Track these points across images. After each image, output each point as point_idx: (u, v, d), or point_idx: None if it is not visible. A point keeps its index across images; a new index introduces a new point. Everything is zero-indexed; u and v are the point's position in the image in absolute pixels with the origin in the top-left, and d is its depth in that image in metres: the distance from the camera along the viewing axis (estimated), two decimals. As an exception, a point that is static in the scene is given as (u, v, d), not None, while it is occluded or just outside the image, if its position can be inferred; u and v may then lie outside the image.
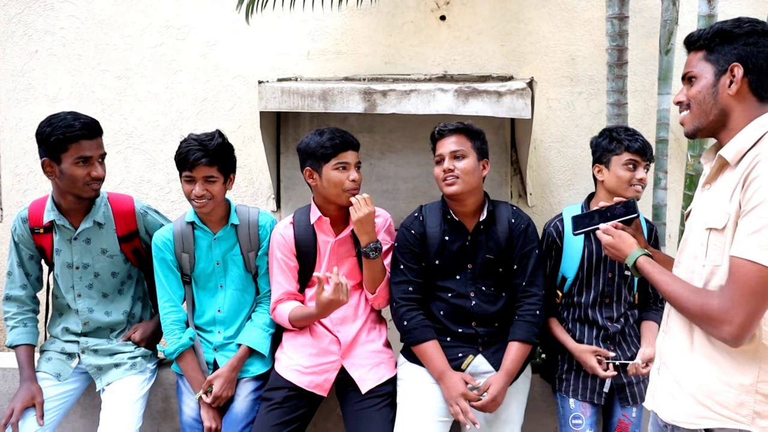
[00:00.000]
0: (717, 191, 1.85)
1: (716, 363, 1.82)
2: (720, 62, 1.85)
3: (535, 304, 2.78)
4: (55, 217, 2.90)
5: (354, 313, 2.91)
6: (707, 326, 1.79)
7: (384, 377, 2.82)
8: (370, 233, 2.78)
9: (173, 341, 2.90)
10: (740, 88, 1.83)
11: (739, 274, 1.71)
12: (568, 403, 2.85)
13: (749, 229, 1.70)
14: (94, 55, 4.23)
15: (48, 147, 2.76)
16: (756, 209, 1.69)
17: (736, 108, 1.83)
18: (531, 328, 2.75)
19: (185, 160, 2.78)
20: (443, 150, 2.75)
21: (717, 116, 1.85)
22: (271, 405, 2.76)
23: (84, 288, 2.98)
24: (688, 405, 1.85)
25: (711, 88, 1.85)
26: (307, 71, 4.07)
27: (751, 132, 1.80)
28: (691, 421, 1.85)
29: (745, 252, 1.71)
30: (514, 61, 4.07)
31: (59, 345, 3.01)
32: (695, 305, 1.80)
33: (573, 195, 4.08)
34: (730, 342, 1.75)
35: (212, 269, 2.96)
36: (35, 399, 2.83)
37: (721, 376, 1.80)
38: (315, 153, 2.79)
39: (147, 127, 4.23)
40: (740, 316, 1.71)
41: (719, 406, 1.79)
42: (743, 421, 1.77)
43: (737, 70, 1.82)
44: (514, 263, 2.80)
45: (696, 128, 1.91)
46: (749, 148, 1.78)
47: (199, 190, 2.79)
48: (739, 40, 1.83)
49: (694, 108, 1.89)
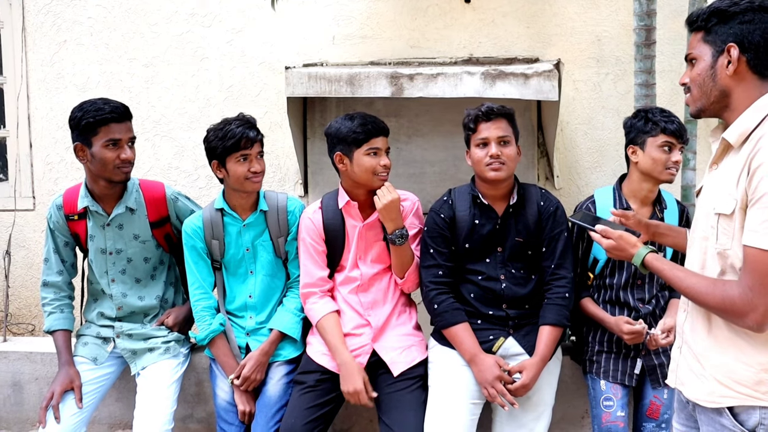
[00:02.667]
0: (723, 173, 1.85)
1: (734, 344, 1.83)
2: (717, 43, 1.83)
3: (564, 286, 2.78)
4: (89, 204, 2.95)
5: (384, 297, 2.93)
6: (731, 317, 1.80)
7: (415, 360, 2.85)
8: (395, 220, 2.79)
9: (204, 327, 2.95)
10: (738, 68, 1.81)
11: (756, 263, 1.72)
12: (599, 384, 2.85)
13: (759, 219, 1.70)
14: (121, 44, 4.28)
15: (79, 131, 2.82)
16: (763, 198, 1.69)
17: (736, 88, 1.82)
18: (561, 310, 2.76)
19: (241, 139, 2.81)
20: (489, 134, 2.71)
21: (718, 97, 1.85)
22: (304, 388, 2.80)
23: (117, 273, 3.03)
24: (708, 384, 1.87)
25: (710, 69, 1.85)
26: (333, 56, 4.08)
27: (753, 114, 1.79)
28: (712, 399, 1.86)
29: (759, 242, 1.71)
30: (539, 43, 4.05)
31: (95, 330, 3.07)
32: (715, 299, 1.81)
33: (600, 177, 4.07)
34: (756, 329, 1.77)
35: (242, 255, 2.99)
36: (74, 382, 2.89)
37: (740, 356, 1.82)
38: (346, 138, 2.80)
39: (174, 114, 4.28)
40: (764, 303, 1.72)
41: (738, 384, 1.81)
42: (763, 398, 1.79)
43: (733, 50, 1.80)
44: (543, 246, 2.81)
45: (699, 109, 1.91)
46: (752, 130, 1.77)
47: (258, 166, 2.86)
48: (735, 19, 1.81)
49: (695, 90, 1.90)
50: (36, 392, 3.37)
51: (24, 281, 4.49)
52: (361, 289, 2.93)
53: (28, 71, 4.35)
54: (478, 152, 2.74)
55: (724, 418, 1.84)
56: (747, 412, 1.81)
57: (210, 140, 2.87)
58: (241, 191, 2.91)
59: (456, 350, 2.78)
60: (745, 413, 1.82)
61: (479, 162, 2.73)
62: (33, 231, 4.44)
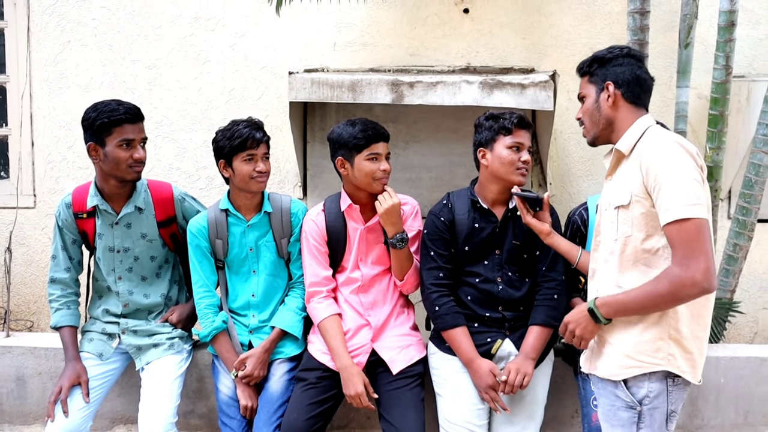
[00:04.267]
0: (619, 179, 2.24)
1: (641, 320, 2.17)
2: (598, 82, 2.31)
3: (554, 288, 2.88)
4: (98, 202, 3.01)
5: (383, 297, 3.02)
6: (685, 292, 2.05)
7: (414, 358, 2.94)
8: (396, 224, 2.88)
9: (207, 324, 3.02)
10: (615, 100, 2.27)
11: (680, 234, 2.04)
12: (589, 385, 2.93)
13: (666, 199, 2.05)
14: (125, 46, 4.32)
15: (93, 131, 2.88)
16: (663, 186, 2.06)
17: (617, 115, 2.27)
18: (550, 311, 2.85)
19: (247, 139, 2.90)
20: (523, 140, 2.81)
21: (605, 124, 2.29)
22: (306, 385, 2.88)
23: (124, 271, 3.10)
24: (616, 360, 2.21)
25: (595, 103, 2.31)
26: (333, 62, 4.16)
27: (636, 129, 2.23)
28: (620, 372, 2.20)
29: (673, 215, 2.04)
30: (535, 54, 4.15)
31: (100, 326, 3.13)
32: (666, 288, 2.07)
33: (591, 185, 4.17)
34: (709, 288, 2.05)
35: (245, 255, 3.07)
36: (81, 377, 2.95)
37: (639, 331, 2.17)
38: (347, 143, 2.88)
39: (176, 116, 4.33)
40: (702, 264, 2.02)
41: (641, 354, 2.16)
42: (661, 363, 2.15)
43: (610, 86, 2.27)
44: (537, 249, 2.91)
45: (593, 137, 2.35)
46: (636, 141, 2.21)
47: (263, 166, 2.94)
48: (611, 63, 2.30)
49: (587, 121, 2.35)
50: (39, 387, 3.43)
51: (23, 278, 4.54)
52: (361, 290, 3.01)
53: (32, 71, 4.39)
54: (510, 155, 2.79)
55: (619, 389, 2.20)
56: (637, 385, 2.17)
57: (218, 140, 2.96)
58: (246, 191, 2.98)
59: (455, 356, 2.88)
60: (635, 386, 2.18)
61: (510, 163, 2.79)
62: (33, 229, 4.49)
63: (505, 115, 2.84)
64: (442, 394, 2.88)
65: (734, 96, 3.79)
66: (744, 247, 3.61)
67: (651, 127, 2.25)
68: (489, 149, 2.84)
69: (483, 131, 2.86)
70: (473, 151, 2.92)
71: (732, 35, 3.49)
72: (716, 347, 3.41)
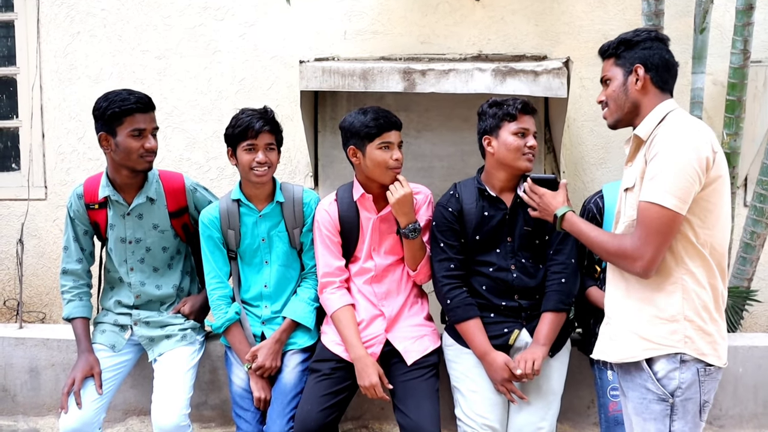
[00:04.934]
0: (636, 164, 2.22)
1: (649, 302, 2.16)
2: (626, 65, 2.25)
3: (561, 272, 2.85)
4: (110, 193, 2.99)
5: (397, 288, 2.99)
6: (624, 263, 2.15)
7: (428, 348, 2.92)
8: (408, 214, 2.85)
9: (220, 316, 3.00)
10: (644, 84, 2.22)
11: (644, 216, 2.08)
12: (606, 375, 2.92)
13: (648, 176, 2.08)
14: (134, 36, 4.30)
15: (104, 121, 2.86)
16: (654, 159, 2.08)
17: (643, 99, 2.23)
18: (559, 296, 2.82)
19: (247, 128, 2.88)
20: (530, 125, 2.81)
21: (630, 108, 2.25)
22: (320, 376, 2.86)
23: (136, 262, 3.08)
24: (630, 342, 2.19)
25: (622, 86, 2.25)
26: (344, 51, 4.12)
27: (656, 114, 2.19)
28: (633, 354, 2.18)
29: (646, 195, 2.08)
30: (547, 41, 4.10)
31: (112, 317, 3.12)
32: (613, 246, 2.17)
33: (605, 173, 4.13)
34: (642, 275, 2.12)
35: (257, 245, 3.05)
36: (93, 369, 2.93)
37: (654, 311, 2.15)
38: (359, 132, 2.85)
39: (186, 106, 4.30)
40: (649, 252, 2.07)
41: (657, 336, 2.14)
42: (677, 346, 2.12)
43: (639, 69, 2.22)
44: (547, 234, 2.88)
45: (616, 120, 2.30)
46: (655, 126, 2.17)
47: (262, 156, 2.89)
48: (639, 46, 2.25)
49: (611, 104, 2.29)
50: (52, 378, 3.43)
51: (35, 270, 4.54)
52: (375, 280, 2.98)
53: (42, 62, 4.38)
54: (516, 140, 2.78)
55: (650, 382, 2.15)
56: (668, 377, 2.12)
57: (227, 127, 2.96)
58: (247, 180, 2.97)
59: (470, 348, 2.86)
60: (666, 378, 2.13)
61: (516, 150, 2.78)
62: (45, 220, 4.49)
63: (508, 101, 2.82)
64: (460, 389, 2.86)
65: (750, 82, 3.72)
66: (762, 234, 3.56)
67: (672, 111, 2.20)
68: (494, 136, 2.82)
69: (487, 119, 2.84)
70: (478, 139, 2.90)
71: (750, 19, 3.43)
72: (734, 336, 3.37)
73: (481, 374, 2.82)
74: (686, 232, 2.11)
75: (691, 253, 2.13)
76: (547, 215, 2.48)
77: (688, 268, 2.13)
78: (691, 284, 2.13)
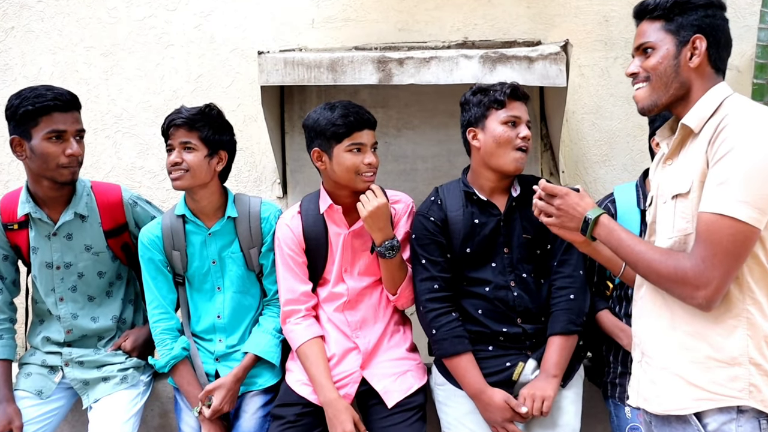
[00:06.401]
0: (682, 163, 1.80)
1: (702, 337, 1.73)
2: (681, 33, 1.80)
3: (568, 287, 2.45)
4: (31, 210, 2.58)
5: (374, 314, 2.58)
6: (680, 290, 1.72)
7: (413, 387, 2.50)
8: (383, 229, 2.44)
9: (165, 353, 2.60)
10: (701, 61, 1.79)
11: (710, 232, 1.66)
12: (624, 412, 2.53)
13: (717, 180, 1.66)
14: (76, 31, 3.89)
15: (17, 122, 2.50)
16: (723, 159, 1.65)
17: (696, 80, 1.80)
18: (567, 315, 2.43)
19: (164, 126, 2.55)
20: (520, 113, 2.43)
21: (678, 88, 1.81)
22: (283, 424, 2.46)
23: (66, 291, 2.67)
24: (676, 390, 1.75)
25: (673, 59, 1.80)
26: (312, 41, 3.73)
27: (711, 100, 1.77)
28: (682, 406, 1.74)
29: (713, 206, 1.65)
30: (541, 25, 3.72)
31: (40, 357, 2.71)
32: (667, 268, 1.72)
33: (609, 172, 3.73)
34: (704, 307, 1.70)
35: (207, 268, 2.64)
36: (13, 423, 2.54)
37: (708, 350, 1.72)
38: (325, 132, 2.45)
39: (137, 108, 3.90)
40: (716, 278, 1.66)
41: (711, 383, 1.71)
42: (740, 396, 1.68)
43: (700, 42, 1.78)
44: (549, 242, 2.48)
45: (653, 103, 1.84)
46: (710, 116, 1.75)
47: (173, 156, 2.50)
48: (698, 11, 1.80)
49: (655, 81, 1.83)
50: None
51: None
52: (347, 307, 2.57)
53: (-28, 62, 3.94)
54: (506, 131, 2.40)
55: (691, 430, 1.71)
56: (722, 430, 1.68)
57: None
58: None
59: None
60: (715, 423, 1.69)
61: (507, 142, 2.39)
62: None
63: (495, 87, 2.45)
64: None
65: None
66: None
67: (730, 97, 1.78)
68: (480, 128, 2.44)
69: (471, 108, 2.47)
70: (462, 133, 2.52)
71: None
72: None
73: (479, 421, 2.40)
74: (756, 250, 1.69)
75: (757, 276, 1.71)
76: (570, 221, 1.92)
77: (754, 298, 1.71)
78: (758, 317, 1.70)
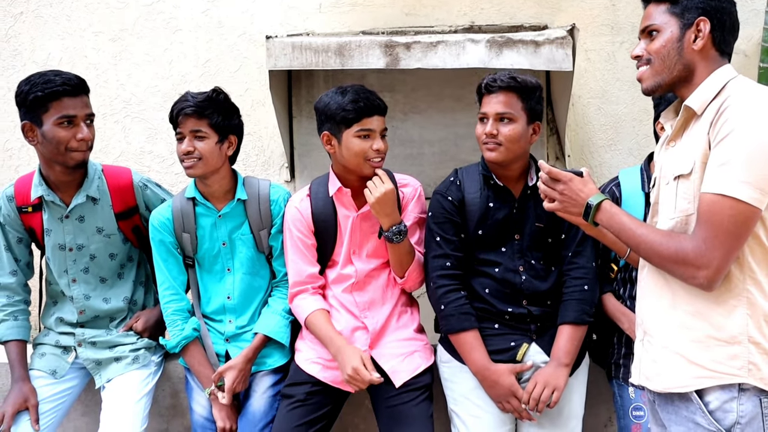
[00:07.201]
0: (685, 144, 1.81)
1: (702, 317, 1.75)
2: (685, 16, 1.80)
3: (582, 278, 2.46)
4: (44, 193, 2.60)
5: (382, 296, 2.59)
6: (681, 271, 1.73)
7: (420, 367, 2.51)
8: (390, 215, 2.45)
9: (176, 333, 2.62)
10: (705, 43, 1.79)
11: (711, 212, 1.67)
12: (627, 392, 2.54)
13: (718, 161, 1.67)
14: (84, 16, 3.90)
15: (27, 108, 2.49)
16: (725, 140, 1.66)
17: (700, 63, 1.80)
18: (580, 306, 2.44)
19: (172, 114, 2.55)
20: (488, 109, 2.40)
21: (681, 70, 1.82)
22: (293, 403, 2.47)
23: (79, 272, 2.69)
24: (677, 368, 1.78)
25: (676, 42, 1.81)
26: (320, 26, 3.73)
27: (714, 82, 1.78)
28: (683, 383, 1.76)
29: (714, 186, 1.66)
30: (547, 9, 3.72)
31: (53, 337, 2.73)
32: (668, 250, 1.74)
33: (615, 156, 3.74)
34: (706, 287, 1.71)
35: (218, 250, 2.66)
36: (28, 401, 2.56)
37: (708, 329, 1.74)
38: (335, 116, 2.46)
39: (146, 93, 3.91)
40: (717, 258, 1.67)
41: (712, 361, 1.73)
42: (739, 374, 1.71)
43: (704, 24, 1.78)
44: (563, 232, 2.49)
45: (657, 84, 1.85)
46: (713, 98, 1.76)
47: (184, 146, 2.51)
48: None
49: (657, 63, 1.84)
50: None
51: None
52: (356, 288, 2.59)
53: (-18, 48, 3.96)
54: (478, 128, 2.44)
55: (693, 408, 1.73)
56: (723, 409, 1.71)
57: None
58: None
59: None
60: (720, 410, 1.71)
61: (478, 138, 2.45)
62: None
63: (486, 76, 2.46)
64: (459, 414, 2.46)
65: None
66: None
67: (734, 79, 1.78)
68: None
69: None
70: None
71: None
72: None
73: (484, 396, 2.42)
74: (757, 231, 1.70)
75: (759, 257, 1.72)
76: (573, 207, 1.92)
77: (755, 277, 1.72)
78: (758, 297, 1.72)
